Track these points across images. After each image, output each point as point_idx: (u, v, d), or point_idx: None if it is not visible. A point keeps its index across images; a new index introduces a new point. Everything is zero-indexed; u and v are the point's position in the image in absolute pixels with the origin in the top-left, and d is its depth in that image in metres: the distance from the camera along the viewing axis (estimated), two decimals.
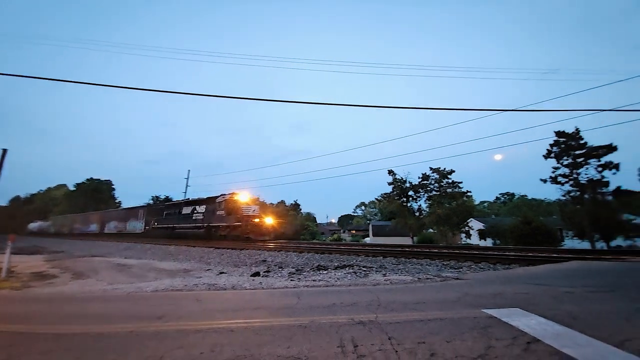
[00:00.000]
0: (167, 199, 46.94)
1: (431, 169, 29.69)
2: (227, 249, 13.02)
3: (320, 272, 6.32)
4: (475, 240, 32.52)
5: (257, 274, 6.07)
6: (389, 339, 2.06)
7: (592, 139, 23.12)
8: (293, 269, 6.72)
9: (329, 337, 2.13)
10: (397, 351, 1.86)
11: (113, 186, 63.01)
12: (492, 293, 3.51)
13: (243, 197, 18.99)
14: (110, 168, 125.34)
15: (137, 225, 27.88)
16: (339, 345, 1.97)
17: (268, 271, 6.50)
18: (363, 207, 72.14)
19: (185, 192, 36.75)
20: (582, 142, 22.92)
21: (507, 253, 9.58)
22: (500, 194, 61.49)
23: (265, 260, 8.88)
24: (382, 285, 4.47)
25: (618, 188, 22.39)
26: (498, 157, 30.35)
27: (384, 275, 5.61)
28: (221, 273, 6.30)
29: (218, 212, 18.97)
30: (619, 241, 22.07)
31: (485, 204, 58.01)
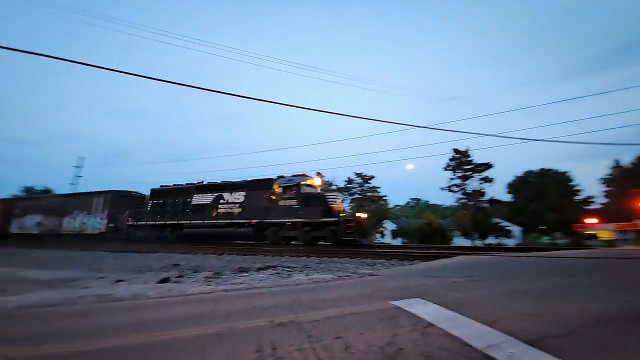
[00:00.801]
0: (47, 190, 37.47)
1: (355, 173, 32.04)
2: (126, 252, 11.25)
3: (242, 274, 6.02)
4: (388, 239, 36.40)
5: (166, 279, 5.38)
6: (308, 337, 2.08)
7: (484, 157, 28.62)
8: (210, 273, 6.22)
9: (247, 343, 2.01)
10: (314, 349, 1.88)
11: None
12: (399, 286, 3.94)
13: (317, 181, 13.45)
14: None
15: (90, 222, 18.42)
16: (256, 350, 1.88)
17: (180, 276, 5.85)
18: None
19: (74, 184, 30.32)
20: (469, 159, 28.24)
21: (412, 250, 11.02)
22: (410, 199, 70.76)
23: (177, 265, 7.99)
24: (304, 285, 4.52)
25: (491, 198, 28.53)
26: (410, 166, 35.04)
27: (307, 275, 5.70)
28: (118, 281, 5.36)
29: (282, 203, 13.05)
30: (490, 239, 28.00)
31: (398, 207, 65.69)
